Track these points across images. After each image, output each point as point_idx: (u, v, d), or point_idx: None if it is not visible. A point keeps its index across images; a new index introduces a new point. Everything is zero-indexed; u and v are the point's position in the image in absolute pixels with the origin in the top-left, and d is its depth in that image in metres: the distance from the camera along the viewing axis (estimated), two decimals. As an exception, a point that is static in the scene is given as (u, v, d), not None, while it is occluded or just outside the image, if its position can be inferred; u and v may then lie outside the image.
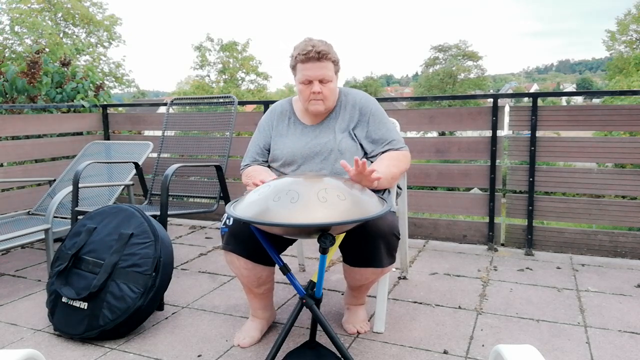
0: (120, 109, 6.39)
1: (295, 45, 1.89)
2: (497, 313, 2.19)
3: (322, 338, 1.85)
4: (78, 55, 19.59)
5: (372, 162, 1.97)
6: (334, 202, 1.41)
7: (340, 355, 1.64)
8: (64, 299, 2.06)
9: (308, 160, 1.92)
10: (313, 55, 1.82)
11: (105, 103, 4.62)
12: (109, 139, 4.38)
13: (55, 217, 2.69)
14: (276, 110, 2.06)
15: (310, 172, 1.87)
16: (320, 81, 1.85)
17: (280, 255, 1.74)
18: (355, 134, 1.94)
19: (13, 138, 3.78)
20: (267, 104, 3.57)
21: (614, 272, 2.69)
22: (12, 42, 19.39)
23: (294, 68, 1.90)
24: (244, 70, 28.84)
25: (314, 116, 1.96)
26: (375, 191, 1.90)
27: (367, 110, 1.96)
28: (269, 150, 2.03)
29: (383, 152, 1.94)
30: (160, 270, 2.03)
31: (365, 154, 1.96)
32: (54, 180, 3.54)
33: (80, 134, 4.33)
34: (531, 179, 3.07)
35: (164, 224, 2.35)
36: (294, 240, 2.07)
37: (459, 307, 2.25)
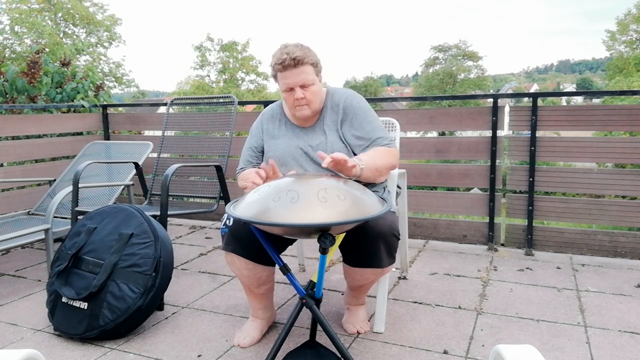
0: (120, 109, 6.39)
1: (272, 54, 1.88)
2: (497, 313, 2.19)
3: (322, 338, 1.85)
4: (78, 55, 19.60)
5: None
6: (334, 202, 1.41)
7: (340, 355, 1.64)
8: (64, 299, 2.06)
9: (300, 162, 1.92)
10: (289, 62, 1.81)
11: (105, 103, 4.62)
12: (109, 139, 4.38)
13: (55, 217, 2.69)
14: (266, 114, 2.07)
15: (310, 172, 1.87)
16: (302, 86, 1.84)
17: (280, 255, 1.74)
18: (342, 134, 1.93)
19: (13, 138, 3.78)
20: (267, 104, 3.56)
21: (614, 272, 2.69)
22: (12, 42, 19.40)
23: (275, 77, 1.90)
24: (244, 70, 28.83)
25: (304, 120, 1.96)
26: (375, 190, 1.90)
27: (350, 108, 1.94)
28: (262, 152, 2.04)
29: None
30: (160, 270, 2.03)
31: (354, 153, 1.95)
32: (54, 180, 3.54)
33: (80, 134, 4.33)
34: (531, 179, 3.07)
35: (164, 224, 2.35)
36: (294, 240, 2.07)
37: (459, 307, 2.25)
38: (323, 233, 1.45)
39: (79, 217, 2.59)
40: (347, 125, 1.93)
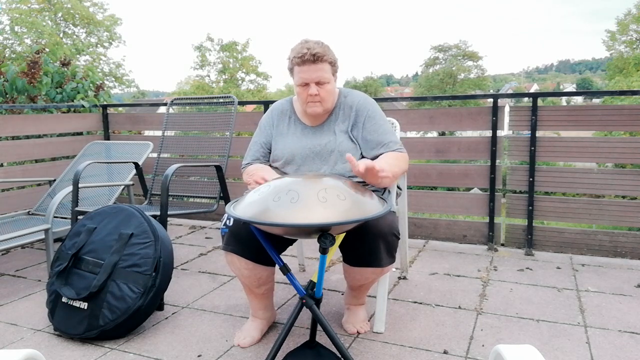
0: (120, 109, 6.39)
1: (292, 47, 1.88)
2: (497, 313, 2.19)
3: (322, 338, 1.85)
4: (78, 55, 19.60)
5: None
6: (334, 202, 1.41)
7: (340, 355, 1.64)
8: (64, 299, 2.06)
9: (308, 161, 1.92)
10: (308, 57, 1.81)
11: (105, 103, 4.62)
12: (109, 139, 4.38)
13: (55, 217, 2.69)
14: (277, 110, 2.06)
15: (310, 172, 1.87)
16: (317, 83, 1.84)
17: (280, 255, 1.74)
18: (353, 135, 1.94)
19: (13, 138, 3.78)
20: (267, 104, 3.57)
21: (614, 272, 2.69)
22: (12, 42, 19.40)
23: (291, 70, 1.90)
24: (244, 70, 28.84)
25: (314, 117, 1.96)
26: (375, 191, 1.90)
27: (363, 111, 1.94)
28: (270, 149, 2.03)
29: (379, 155, 1.92)
30: (160, 270, 2.03)
31: (363, 156, 1.95)
32: (54, 180, 3.54)
33: (80, 134, 4.33)
34: (531, 179, 3.07)
35: (164, 224, 2.35)
36: (294, 240, 2.07)
37: (459, 307, 2.25)
38: (323, 233, 1.45)
39: (79, 217, 2.59)
40: (359, 128, 1.93)
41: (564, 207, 3.07)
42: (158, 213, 2.40)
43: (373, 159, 1.93)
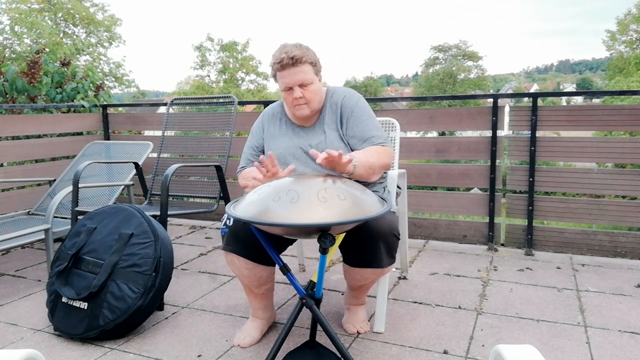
0: (120, 109, 6.39)
1: (272, 54, 1.88)
2: (497, 313, 2.19)
3: (322, 338, 1.85)
4: (78, 55, 19.60)
5: None
6: (334, 202, 1.41)
7: (340, 355, 1.64)
8: (64, 299, 2.06)
9: (303, 161, 1.92)
10: (287, 62, 1.81)
11: (105, 103, 4.62)
12: (109, 139, 4.38)
13: (55, 217, 2.69)
14: (267, 114, 2.07)
15: (310, 172, 1.87)
16: (300, 85, 1.84)
17: (280, 255, 1.74)
18: (342, 133, 1.93)
19: (13, 138, 3.78)
20: (267, 104, 3.56)
21: (614, 272, 2.69)
22: (12, 42, 19.40)
23: (274, 77, 1.90)
24: (244, 70, 28.84)
25: (304, 119, 1.96)
26: (375, 190, 1.90)
27: (347, 107, 1.93)
28: (263, 152, 2.03)
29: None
30: (160, 270, 2.03)
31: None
32: (54, 180, 3.54)
33: (80, 134, 4.33)
34: (531, 179, 3.07)
35: (164, 224, 2.35)
36: (294, 240, 2.07)
37: (459, 307, 2.25)
38: (323, 233, 1.45)
39: (79, 217, 2.59)
40: (344, 125, 1.93)
41: (564, 207, 3.07)
42: (158, 213, 2.40)
43: None
